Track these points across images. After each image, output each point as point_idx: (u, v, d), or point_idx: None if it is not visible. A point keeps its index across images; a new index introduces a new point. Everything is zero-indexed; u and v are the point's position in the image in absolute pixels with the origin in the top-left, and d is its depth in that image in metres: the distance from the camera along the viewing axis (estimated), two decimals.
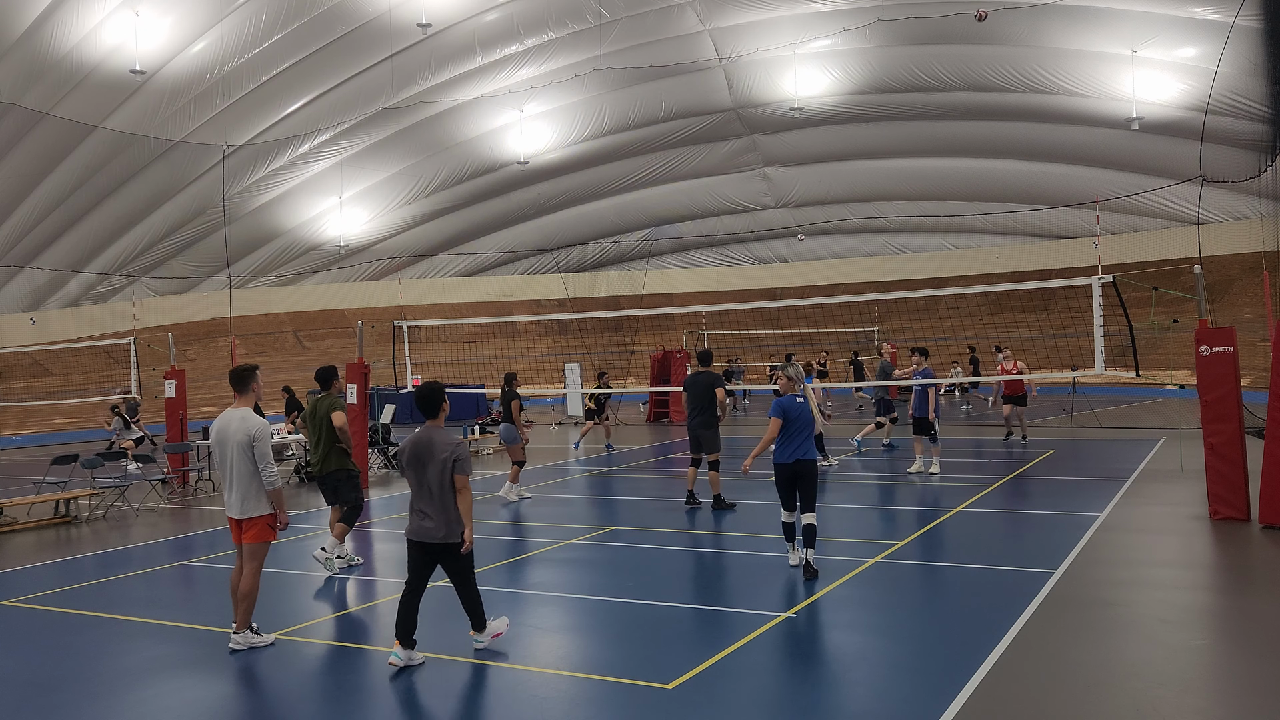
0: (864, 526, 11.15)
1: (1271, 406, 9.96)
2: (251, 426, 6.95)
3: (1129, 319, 12.05)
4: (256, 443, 6.91)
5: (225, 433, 6.98)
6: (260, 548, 7.02)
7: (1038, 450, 17.01)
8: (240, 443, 6.91)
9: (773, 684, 5.92)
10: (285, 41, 28.82)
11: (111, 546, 11.43)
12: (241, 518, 6.98)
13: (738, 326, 39.17)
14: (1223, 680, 5.98)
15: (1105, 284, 12.17)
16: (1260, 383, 19.89)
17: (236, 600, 7.00)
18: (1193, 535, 9.82)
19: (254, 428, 6.95)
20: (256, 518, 6.98)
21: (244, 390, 7.13)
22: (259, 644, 7.01)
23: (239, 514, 6.98)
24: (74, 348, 31.99)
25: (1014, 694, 5.64)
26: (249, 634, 7.01)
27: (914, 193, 40.05)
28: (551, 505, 13.40)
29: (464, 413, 29.80)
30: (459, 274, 45.44)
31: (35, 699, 6.16)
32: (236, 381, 7.13)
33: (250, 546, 6.99)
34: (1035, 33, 29.75)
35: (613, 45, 32.11)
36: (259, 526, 6.99)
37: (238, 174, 34.28)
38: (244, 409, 7.10)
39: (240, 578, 6.99)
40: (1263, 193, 27.20)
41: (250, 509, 6.95)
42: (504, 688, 6.05)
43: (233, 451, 6.95)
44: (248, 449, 6.91)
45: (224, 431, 6.99)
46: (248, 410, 7.09)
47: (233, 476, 6.98)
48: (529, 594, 8.37)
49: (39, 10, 24.43)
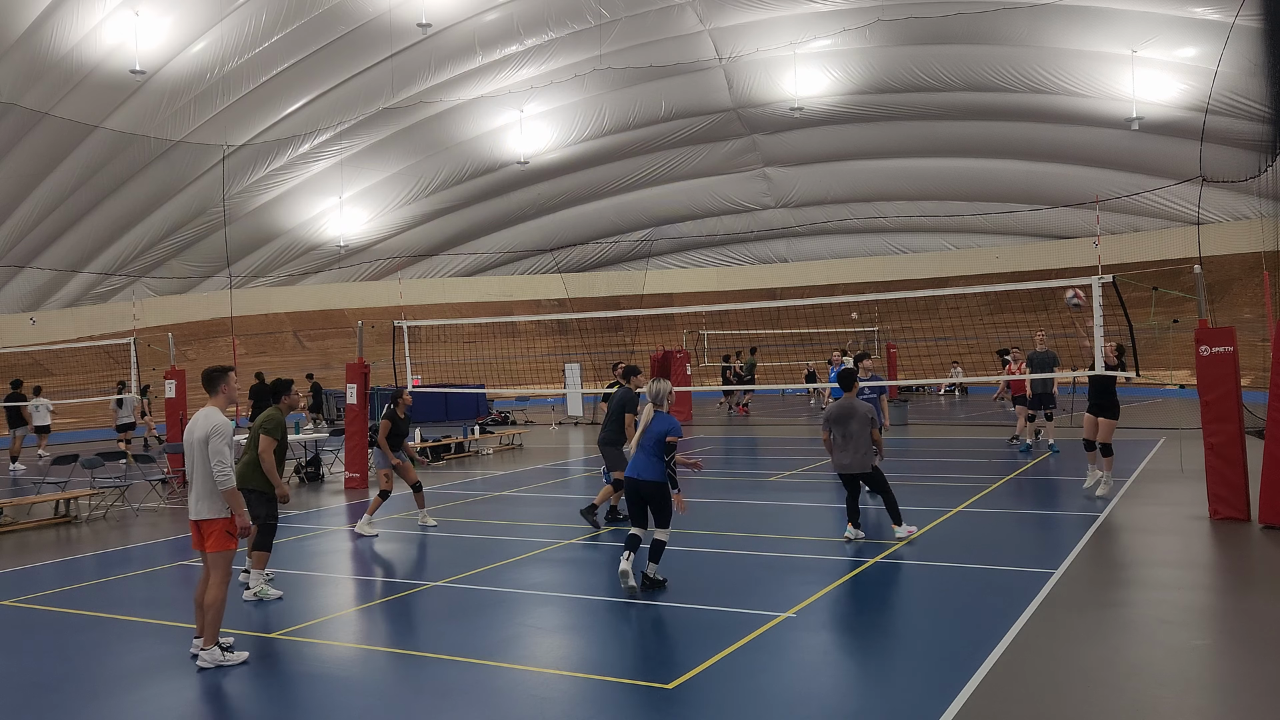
0: (864, 526, 11.14)
1: (1271, 406, 9.96)
2: (210, 423, 6.75)
3: (1129, 319, 12.04)
4: (211, 439, 6.67)
5: (191, 432, 6.83)
6: (220, 556, 6.68)
7: (1037, 450, 17.00)
8: (199, 439, 6.72)
9: (773, 684, 5.92)
10: (285, 41, 28.81)
11: (111, 546, 11.43)
12: (198, 519, 6.73)
13: (738, 326, 39.17)
14: (1223, 680, 5.98)
15: (1105, 284, 12.16)
16: (1260, 383, 19.88)
17: (200, 611, 6.64)
18: (1193, 535, 9.82)
19: (212, 424, 6.74)
20: (213, 520, 6.68)
21: (213, 391, 6.99)
22: (228, 663, 6.60)
23: (194, 515, 6.75)
24: (74, 348, 31.97)
25: (1014, 694, 5.64)
26: (216, 650, 6.61)
27: (914, 193, 40.05)
28: (552, 505, 13.40)
29: (464, 413, 29.79)
30: (459, 274, 45.43)
31: (35, 699, 6.16)
32: (206, 382, 6.99)
33: (210, 555, 6.69)
34: (1035, 33, 29.74)
35: (613, 45, 32.10)
36: (217, 532, 6.67)
37: (238, 174, 34.26)
38: (210, 408, 6.94)
39: (203, 589, 6.68)
40: (1263, 193, 27.17)
41: (203, 510, 6.69)
42: (504, 688, 6.05)
43: (194, 450, 6.76)
44: (204, 446, 6.70)
45: (190, 431, 6.85)
46: (212, 409, 6.93)
47: (192, 476, 6.80)
48: (529, 594, 8.37)
49: (39, 10, 24.42)
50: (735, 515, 11.95)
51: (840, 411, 9.75)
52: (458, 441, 20.90)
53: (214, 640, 6.63)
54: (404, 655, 6.80)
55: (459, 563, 9.70)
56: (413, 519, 12.16)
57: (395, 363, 17.95)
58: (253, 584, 8.44)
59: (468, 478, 16.93)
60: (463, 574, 9.13)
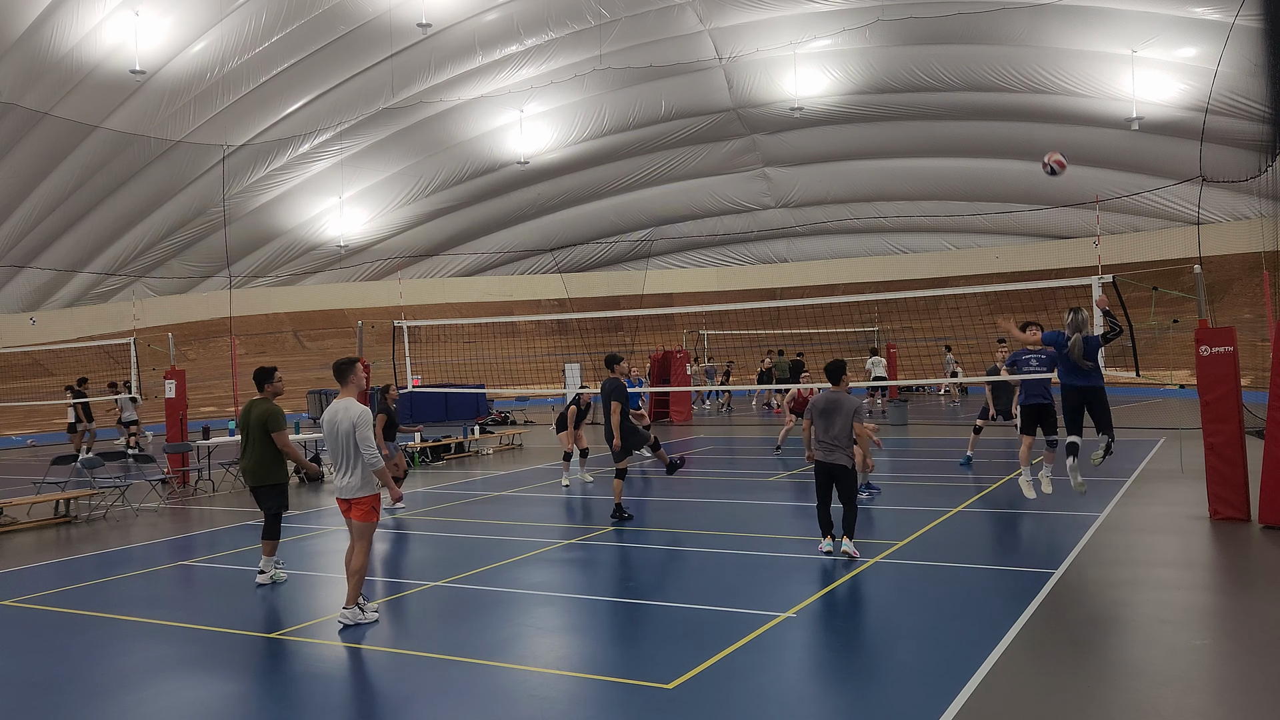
0: (864, 526, 11.15)
1: (1271, 406, 9.96)
2: (352, 414, 7.50)
3: (1129, 319, 12.03)
4: (358, 428, 7.45)
5: (335, 424, 7.54)
6: (366, 527, 7.54)
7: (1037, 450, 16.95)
8: (345, 431, 7.47)
9: (773, 684, 5.92)
10: (285, 41, 28.82)
11: (111, 546, 11.43)
12: (349, 497, 7.53)
13: (738, 326, 39.16)
14: (1223, 680, 5.98)
15: (1105, 284, 12.16)
16: (1260, 383, 19.88)
17: (348, 575, 7.54)
18: (1193, 535, 9.82)
19: (355, 414, 7.50)
20: (363, 498, 7.52)
21: (345, 382, 7.69)
22: (365, 620, 7.45)
23: (346, 494, 7.54)
24: (74, 348, 31.98)
25: (1014, 694, 5.64)
26: (356, 609, 7.46)
27: (914, 193, 40.04)
28: (552, 504, 13.40)
29: (464, 413, 29.80)
30: (459, 274, 45.43)
31: (35, 699, 6.16)
32: (338, 374, 7.72)
33: (359, 525, 7.55)
34: (1035, 33, 29.74)
35: (613, 45, 32.10)
36: (365, 507, 7.54)
37: (238, 174, 34.26)
38: (347, 399, 7.62)
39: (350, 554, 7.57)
40: (1263, 193, 27.13)
41: (354, 488, 7.51)
42: (504, 688, 6.05)
43: (341, 438, 7.50)
44: (351, 434, 7.45)
45: (333, 423, 7.56)
46: (350, 400, 7.62)
47: (339, 460, 7.56)
48: (529, 594, 8.36)
49: (39, 10, 24.42)
50: (735, 515, 11.94)
51: (827, 404, 9.35)
52: (458, 441, 20.90)
53: (354, 600, 7.47)
54: (404, 655, 6.80)
55: (459, 563, 9.70)
56: (413, 519, 12.17)
57: (395, 363, 17.96)
58: (266, 570, 9.11)
59: (468, 478, 16.93)
60: (463, 574, 9.13)
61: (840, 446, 9.18)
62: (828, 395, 9.43)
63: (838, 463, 9.18)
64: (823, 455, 9.24)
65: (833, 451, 9.18)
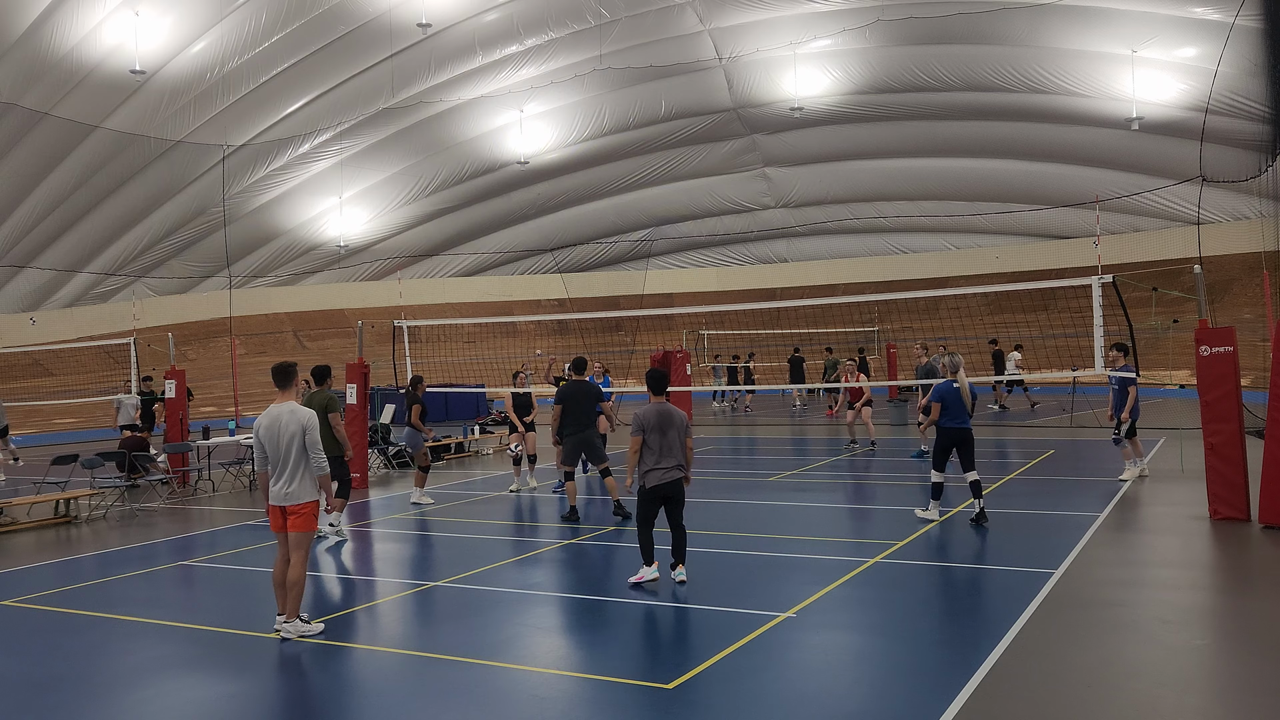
0: (864, 526, 11.16)
1: (1271, 406, 9.96)
2: (300, 418, 7.38)
3: (1129, 319, 12.05)
4: (308, 431, 7.35)
5: (282, 428, 7.34)
6: (304, 537, 7.34)
7: (1038, 450, 17.01)
8: (294, 434, 7.31)
9: (773, 684, 5.92)
10: (285, 41, 28.81)
11: (111, 546, 11.43)
12: (286, 504, 7.32)
13: (738, 326, 39.16)
14: (1223, 680, 5.98)
15: (1105, 284, 12.16)
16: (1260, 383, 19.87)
17: (282, 590, 7.28)
18: (1193, 535, 9.82)
19: (303, 419, 7.38)
20: (303, 504, 7.32)
21: (287, 386, 7.56)
22: (309, 633, 7.27)
23: (282, 501, 7.32)
24: (74, 348, 31.98)
25: (1014, 694, 5.64)
26: (299, 623, 7.28)
27: (914, 193, 40.02)
28: (552, 504, 13.39)
29: (464, 413, 29.80)
30: (459, 274, 45.42)
31: (35, 699, 6.16)
32: (282, 377, 7.56)
33: (294, 536, 7.31)
34: (1035, 33, 29.73)
35: (613, 45, 32.10)
36: (305, 514, 7.33)
37: (238, 174, 34.25)
38: (290, 403, 7.49)
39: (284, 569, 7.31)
40: (1263, 193, 27.15)
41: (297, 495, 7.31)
42: (504, 688, 6.05)
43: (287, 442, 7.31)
44: (302, 438, 7.32)
45: (279, 427, 7.35)
46: (294, 404, 7.50)
47: (280, 466, 7.35)
48: (529, 594, 8.37)
49: (39, 10, 24.41)
50: (735, 515, 11.94)
51: (660, 418, 8.38)
52: (457, 441, 20.90)
53: (295, 614, 7.27)
54: (404, 655, 6.80)
55: (459, 563, 9.71)
56: (412, 519, 12.18)
57: (395, 363, 17.96)
58: (335, 522, 11.01)
59: (468, 478, 16.93)
60: (463, 574, 9.13)
61: (681, 464, 8.47)
62: (658, 408, 8.46)
63: (677, 480, 8.45)
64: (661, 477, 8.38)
65: (672, 470, 8.42)
